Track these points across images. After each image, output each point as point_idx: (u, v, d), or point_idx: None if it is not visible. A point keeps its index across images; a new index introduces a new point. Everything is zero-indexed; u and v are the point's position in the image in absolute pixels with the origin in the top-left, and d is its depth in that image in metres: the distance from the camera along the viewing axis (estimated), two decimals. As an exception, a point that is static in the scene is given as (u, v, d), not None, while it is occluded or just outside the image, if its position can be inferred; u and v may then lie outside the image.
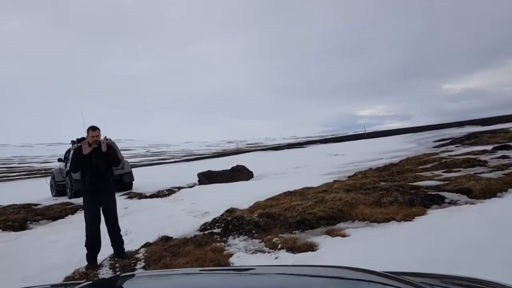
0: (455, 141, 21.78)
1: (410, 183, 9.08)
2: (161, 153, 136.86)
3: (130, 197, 13.32)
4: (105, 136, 16.88)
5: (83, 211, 5.87)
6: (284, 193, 9.59)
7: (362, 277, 1.58)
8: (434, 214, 6.34)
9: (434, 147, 20.91)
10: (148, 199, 12.56)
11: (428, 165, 12.83)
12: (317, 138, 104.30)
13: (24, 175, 67.26)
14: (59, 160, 18.13)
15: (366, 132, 55.02)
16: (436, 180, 9.51)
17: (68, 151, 17.24)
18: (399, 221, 6.10)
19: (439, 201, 7.14)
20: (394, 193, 7.53)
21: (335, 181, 11.28)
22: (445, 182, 8.76)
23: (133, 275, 2.24)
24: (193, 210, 9.46)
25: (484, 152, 14.62)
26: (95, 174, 5.62)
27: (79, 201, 13.70)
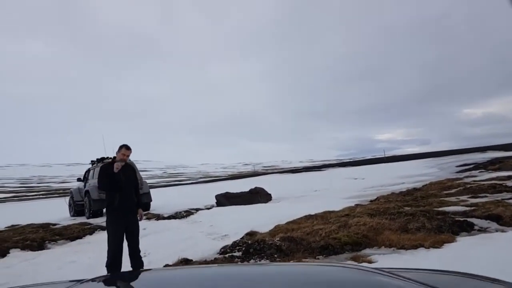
0: (478, 166, 21.27)
1: (435, 209, 8.79)
2: (178, 175, 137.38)
3: (148, 218, 13.22)
4: (125, 156, 16.94)
5: (101, 232, 5.78)
6: (305, 216, 9.38)
7: (364, 274, 1.60)
8: (464, 242, 6.07)
9: (457, 172, 20.45)
10: (166, 220, 12.44)
11: (453, 190, 12.49)
12: (334, 162, 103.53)
13: (42, 194, 67.93)
14: (78, 179, 18.20)
15: (386, 156, 54.37)
16: (462, 205, 9.21)
17: (88, 171, 17.31)
18: (428, 248, 5.84)
19: (468, 228, 6.85)
20: (421, 218, 7.27)
21: (357, 205, 11.03)
22: (472, 208, 8.45)
23: (137, 272, 2.23)
24: (212, 232, 9.30)
25: (510, 177, 14.20)
26: (123, 194, 5.56)
27: (97, 221, 13.66)
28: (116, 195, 5.50)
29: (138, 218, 5.82)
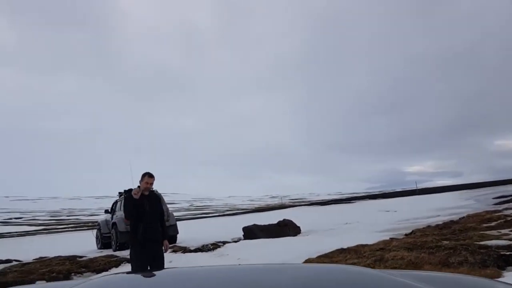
0: (517, 198, 20.33)
1: (476, 242, 8.25)
2: (204, 207, 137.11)
3: (175, 251, 12.96)
4: (152, 188, 16.91)
5: (127, 264, 5.57)
6: (337, 250, 8.96)
7: (363, 275, 1.61)
8: (511, 277, 5.58)
9: (495, 204, 19.56)
10: (193, 253, 12.17)
11: (493, 223, 11.83)
12: (363, 194, 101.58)
13: (71, 227, 68.64)
14: (106, 211, 18.20)
15: (418, 188, 52.96)
16: (505, 239, 8.63)
17: (115, 203, 17.29)
18: (474, 284, 5.38)
19: (516, 263, 6.34)
20: (463, 252, 6.78)
21: (391, 238, 10.51)
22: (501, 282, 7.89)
23: (144, 272, 2.25)
24: (239, 266, 8.95)
25: (554, 210, 13.42)
26: (147, 223, 5.36)
27: (123, 254, 13.48)
28: (140, 225, 5.30)
29: (164, 249, 5.58)
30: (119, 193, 17.15)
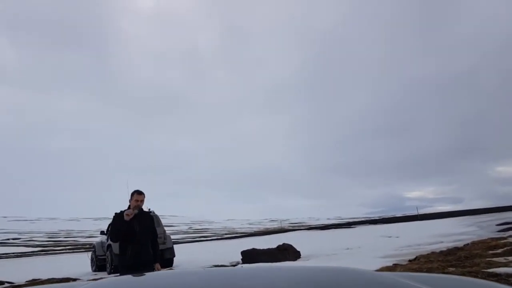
0: (521, 224, 19.95)
1: (484, 270, 7.93)
2: (203, 230, 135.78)
3: (171, 275, 12.59)
4: (149, 208, 16.58)
5: None
6: (339, 276, 8.63)
7: (361, 276, 1.59)
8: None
9: (499, 231, 19.16)
10: (190, 278, 11.77)
11: (499, 250, 11.47)
12: (363, 219, 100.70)
13: (69, 249, 67.75)
14: (102, 233, 17.83)
15: (419, 214, 52.40)
16: (514, 267, 8.31)
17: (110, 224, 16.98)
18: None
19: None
20: (473, 281, 6.47)
21: (395, 264, 10.17)
22: (506, 286, 7.57)
23: (137, 275, 2.17)
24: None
25: (561, 237, 13.08)
26: (137, 245, 5.02)
27: (118, 277, 13.11)
28: (129, 247, 4.98)
29: None
30: (115, 213, 16.84)
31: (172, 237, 19.51)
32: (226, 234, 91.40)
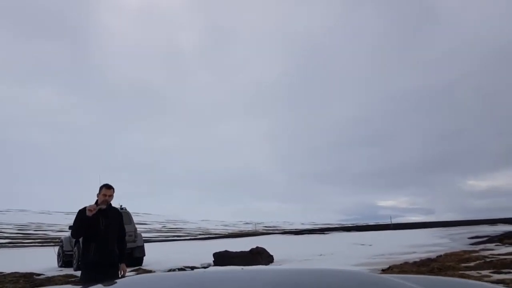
0: (492, 239, 20.16)
1: (458, 283, 7.86)
2: (177, 230, 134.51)
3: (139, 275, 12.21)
4: (121, 205, 16.13)
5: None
6: (312, 283, 8.43)
7: (362, 279, 1.57)
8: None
9: (471, 244, 19.33)
10: (158, 278, 11.41)
11: (472, 263, 11.47)
12: (337, 225, 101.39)
13: (38, 242, 66.14)
14: (70, 227, 17.25)
15: (392, 223, 52.87)
16: (487, 281, 8.26)
17: (81, 219, 16.47)
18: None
19: (503, 309, 5.93)
20: (447, 294, 6.33)
21: (368, 273, 10.06)
22: (500, 286, 7.51)
23: (144, 276, 2.17)
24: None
25: (532, 253, 13.19)
26: (101, 244, 4.65)
27: (84, 274, 12.68)
28: (92, 245, 4.61)
29: (120, 274, 4.88)
30: (80, 209, 16.33)
31: (145, 235, 19.06)
32: (200, 234, 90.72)
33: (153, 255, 19.00)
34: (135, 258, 15.24)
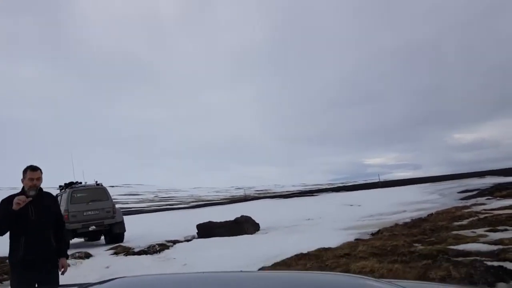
0: (483, 192, 19.79)
1: (453, 247, 7.24)
2: (169, 199, 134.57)
3: (116, 253, 11.51)
4: (96, 181, 15.28)
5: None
6: (296, 255, 7.78)
7: (361, 283, 1.55)
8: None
9: (461, 199, 18.93)
10: (136, 256, 10.72)
11: (465, 222, 10.94)
12: (327, 186, 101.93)
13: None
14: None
15: (380, 181, 52.82)
16: (484, 242, 7.66)
17: (56, 197, 15.62)
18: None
19: (506, 277, 5.29)
20: (444, 264, 5.68)
21: (357, 239, 9.44)
22: (500, 247, 6.90)
23: (143, 276, 2.06)
24: (183, 275, 7.64)
25: (525, 206, 12.72)
26: (33, 236, 3.83)
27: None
28: (21, 239, 3.80)
29: (60, 272, 4.07)
30: (60, 186, 15.47)
31: (137, 205, 18.40)
32: (192, 202, 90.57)
33: (138, 229, 18.37)
34: (114, 235, 14.56)
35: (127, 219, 27.36)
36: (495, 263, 5.76)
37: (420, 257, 6.31)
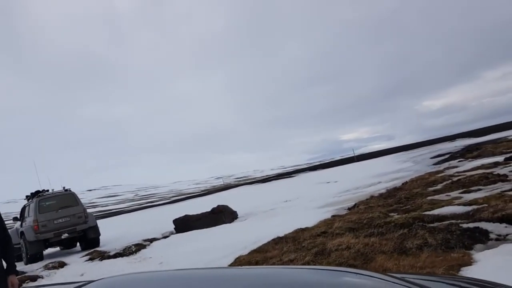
0: (454, 155, 20.07)
1: (429, 212, 7.17)
2: (149, 196, 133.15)
3: (92, 259, 11.11)
4: (64, 187, 14.74)
5: (31, 283, 3.64)
6: (273, 240, 7.59)
7: (362, 277, 1.50)
8: (486, 261, 4.33)
9: (435, 164, 19.13)
10: (111, 260, 10.35)
11: (439, 186, 10.98)
12: (305, 166, 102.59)
13: None
14: (15, 219, 15.79)
15: (356, 155, 53.31)
16: (458, 204, 7.62)
17: (24, 208, 15.02)
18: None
19: (483, 238, 5.20)
20: (419, 232, 5.55)
21: (334, 216, 9.31)
22: (474, 207, 6.85)
23: (143, 273, 2.05)
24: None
25: (496, 164, 12.86)
26: None
27: (34, 267, 11.50)
28: None
29: None
30: (27, 196, 14.88)
31: (117, 207, 17.89)
32: (173, 196, 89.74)
33: (115, 231, 17.92)
34: (89, 240, 14.08)
35: (105, 222, 26.78)
36: (471, 225, 5.69)
37: (396, 227, 6.19)
